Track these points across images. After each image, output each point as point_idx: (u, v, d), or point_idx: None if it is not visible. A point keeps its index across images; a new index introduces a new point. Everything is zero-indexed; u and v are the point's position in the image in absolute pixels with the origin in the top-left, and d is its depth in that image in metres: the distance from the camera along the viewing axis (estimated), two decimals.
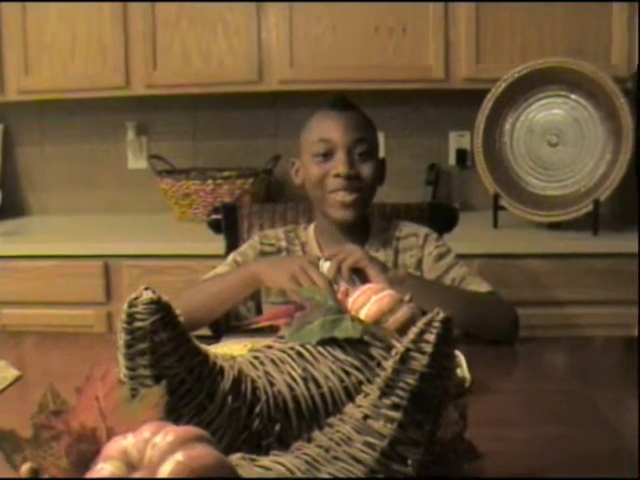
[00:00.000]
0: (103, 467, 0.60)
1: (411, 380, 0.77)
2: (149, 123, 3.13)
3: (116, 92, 2.85)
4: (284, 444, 0.86)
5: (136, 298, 0.84)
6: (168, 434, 0.61)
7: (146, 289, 0.84)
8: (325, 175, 1.66)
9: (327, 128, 1.66)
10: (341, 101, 1.70)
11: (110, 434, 0.68)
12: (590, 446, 1.11)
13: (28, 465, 0.67)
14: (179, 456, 0.59)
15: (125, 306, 0.83)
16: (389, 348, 0.89)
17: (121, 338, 0.84)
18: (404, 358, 0.78)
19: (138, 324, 0.83)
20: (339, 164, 1.64)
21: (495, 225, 2.65)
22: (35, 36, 2.81)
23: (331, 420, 0.82)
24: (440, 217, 1.98)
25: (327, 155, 1.66)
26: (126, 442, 0.62)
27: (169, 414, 0.72)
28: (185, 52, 2.77)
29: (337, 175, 1.64)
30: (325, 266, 1.54)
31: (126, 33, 2.78)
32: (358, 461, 0.77)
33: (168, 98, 2.95)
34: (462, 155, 3.01)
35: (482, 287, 1.66)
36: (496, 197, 2.62)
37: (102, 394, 0.72)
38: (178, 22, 2.76)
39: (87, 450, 0.66)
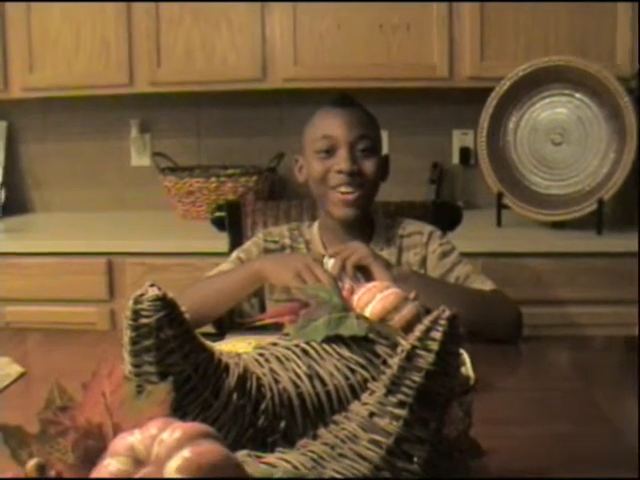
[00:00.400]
0: (110, 463, 0.60)
1: (417, 378, 0.77)
2: (153, 121, 3.13)
3: (120, 90, 2.85)
4: (289, 441, 0.86)
5: (141, 295, 0.84)
6: (175, 430, 0.61)
7: (151, 286, 0.84)
8: (328, 171, 1.66)
9: (330, 125, 1.66)
10: (344, 98, 1.70)
11: (116, 430, 0.68)
12: (592, 445, 1.11)
13: (34, 461, 0.67)
14: (186, 452, 0.59)
15: (130, 303, 0.83)
16: (394, 346, 0.89)
17: (126, 335, 0.84)
18: (410, 356, 0.78)
19: (143, 321, 0.83)
20: (341, 160, 1.64)
21: (499, 224, 2.65)
22: (39, 34, 2.81)
23: (336, 417, 0.82)
24: (444, 215, 1.98)
25: (330, 152, 1.66)
26: (133, 438, 0.62)
27: (175, 411, 0.72)
28: (189, 50, 2.77)
29: (339, 171, 1.64)
30: (329, 263, 1.54)
31: (130, 31, 2.78)
32: (364, 458, 0.77)
33: (172, 96, 2.95)
34: (466, 153, 3.01)
35: (486, 285, 1.66)
36: (500, 196, 2.62)
37: (109, 390, 0.72)
38: (182, 20, 2.76)
39: (93, 446, 0.66)
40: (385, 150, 1.82)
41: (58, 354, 1.59)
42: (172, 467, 0.59)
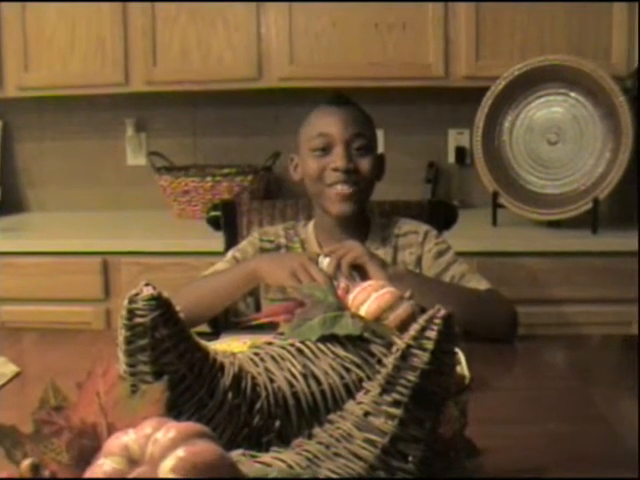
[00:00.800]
0: (104, 462, 0.60)
1: (412, 377, 0.77)
2: (148, 120, 3.13)
3: (115, 89, 2.84)
4: (284, 440, 0.86)
5: (136, 294, 0.83)
6: (169, 430, 0.61)
7: (146, 285, 0.84)
8: (324, 169, 1.66)
9: (326, 123, 1.66)
10: (340, 97, 1.70)
11: (111, 430, 0.68)
12: (589, 444, 1.11)
13: (29, 460, 0.67)
14: (180, 452, 0.59)
15: (125, 302, 0.83)
16: (389, 345, 0.89)
17: (121, 334, 0.84)
18: (405, 355, 0.78)
19: (138, 320, 0.83)
20: (337, 158, 1.64)
21: (494, 223, 2.65)
22: (34, 33, 2.80)
23: (331, 417, 0.82)
24: (439, 215, 1.98)
25: (326, 149, 1.66)
26: (127, 438, 0.61)
27: (169, 410, 0.72)
28: (184, 49, 2.77)
29: (335, 169, 1.64)
30: (325, 262, 1.54)
31: (125, 30, 2.78)
32: (358, 458, 0.77)
33: (167, 95, 2.94)
34: (461, 153, 3.01)
35: (481, 285, 1.66)
36: (495, 195, 2.63)
37: (103, 390, 0.72)
38: (177, 19, 2.76)
39: (88, 446, 0.66)
40: (381, 149, 1.82)
41: (53, 354, 1.59)
42: (166, 467, 0.59)
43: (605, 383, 1.41)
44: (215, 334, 1.65)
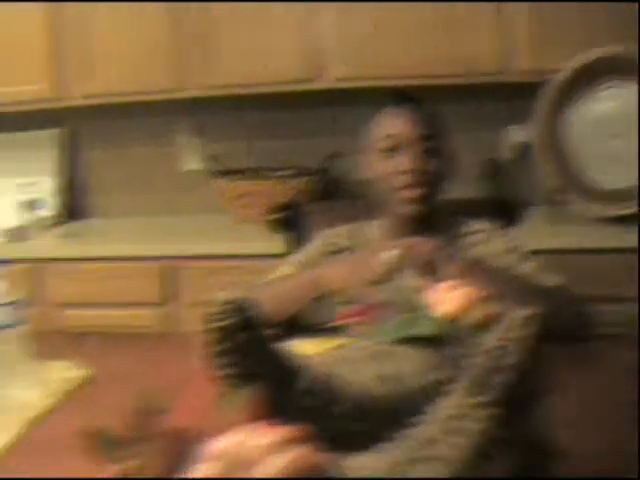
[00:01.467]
0: (200, 468, 0.60)
1: (499, 378, 0.76)
2: (203, 124, 3.14)
3: (170, 94, 2.86)
4: (364, 444, 0.85)
5: (220, 298, 0.85)
6: (266, 435, 0.60)
7: (228, 290, 0.85)
8: (393, 171, 1.64)
9: (393, 124, 1.65)
10: (407, 97, 1.69)
11: (206, 435, 0.68)
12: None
13: (124, 465, 0.67)
14: (279, 457, 0.58)
15: (210, 306, 0.84)
16: (468, 346, 0.87)
17: (207, 338, 0.84)
18: (491, 356, 0.77)
19: (222, 324, 0.83)
20: (405, 160, 1.63)
21: (556, 220, 2.60)
22: (96, 41, 2.84)
23: (413, 420, 0.81)
24: (500, 212, 1.95)
25: (394, 150, 1.64)
26: (223, 443, 0.61)
27: (259, 415, 0.72)
28: (239, 52, 2.78)
29: (404, 171, 1.62)
30: (390, 256, 1.51)
31: (181, 35, 2.80)
32: (443, 460, 0.76)
33: (222, 99, 2.96)
34: (522, 149, 2.96)
35: (552, 281, 1.62)
36: (557, 191, 2.58)
37: (197, 395, 0.72)
38: (231, 22, 2.77)
39: (182, 451, 0.66)
40: None
41: (118, 357, 1.61)
42: (266, 471, 0.58)
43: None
44: (288, 337, 1.64)
